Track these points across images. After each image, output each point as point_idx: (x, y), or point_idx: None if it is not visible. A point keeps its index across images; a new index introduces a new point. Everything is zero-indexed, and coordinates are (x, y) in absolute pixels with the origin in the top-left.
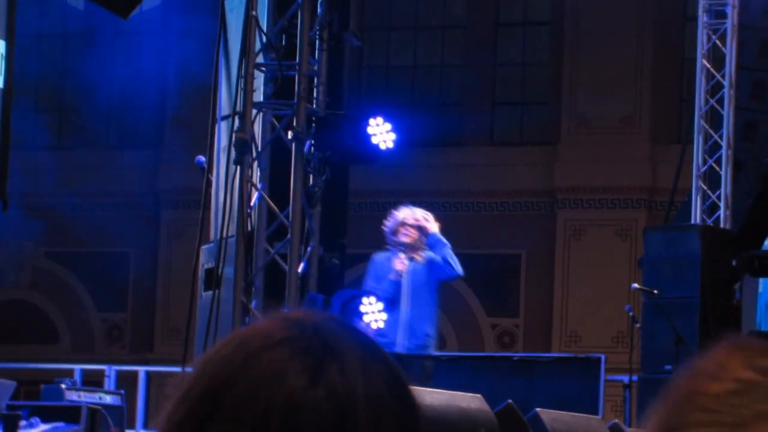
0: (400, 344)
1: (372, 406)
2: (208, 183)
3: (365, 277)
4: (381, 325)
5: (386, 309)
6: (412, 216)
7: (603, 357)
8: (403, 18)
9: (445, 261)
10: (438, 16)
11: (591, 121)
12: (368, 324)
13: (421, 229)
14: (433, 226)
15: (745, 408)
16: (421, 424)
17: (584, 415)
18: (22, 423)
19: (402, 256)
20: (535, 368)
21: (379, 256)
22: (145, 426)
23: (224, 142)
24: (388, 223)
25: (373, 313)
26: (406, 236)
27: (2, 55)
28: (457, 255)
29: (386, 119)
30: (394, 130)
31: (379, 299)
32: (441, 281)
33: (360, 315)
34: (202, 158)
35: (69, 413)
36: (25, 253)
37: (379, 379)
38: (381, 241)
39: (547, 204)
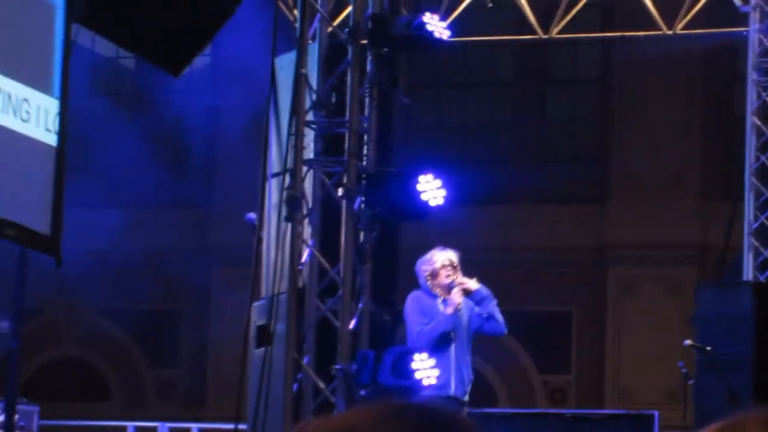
0: (452, 387)
1: None
2: (259, 240)
3: (411, 314)
4: (433, 381)
5: (437, 346)
6: (449, 258)
7: (656, 414)
8: (452, 75)
9: (492, 317)
10: (487, 73)
11: (641, 178)
12: (420, 380)
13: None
14: (472, 282)
15: None
16: None
17: None
18: None
19: (456, 290)
20: (588, 425)
21: (419, 294)
22: None
23: (275, 199)
24: (425, 266)
25: (425, 369)
26: (449, 278)
27: (56, 113)
28: (507, 311)
29: (436, 176)
30: (444, 186)
31: (431, 355)
32: (483, 335)
33: (411, 372)
34: (252, 215)
35: None
36: (76, 309)
37: None
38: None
39: (597, 260)
